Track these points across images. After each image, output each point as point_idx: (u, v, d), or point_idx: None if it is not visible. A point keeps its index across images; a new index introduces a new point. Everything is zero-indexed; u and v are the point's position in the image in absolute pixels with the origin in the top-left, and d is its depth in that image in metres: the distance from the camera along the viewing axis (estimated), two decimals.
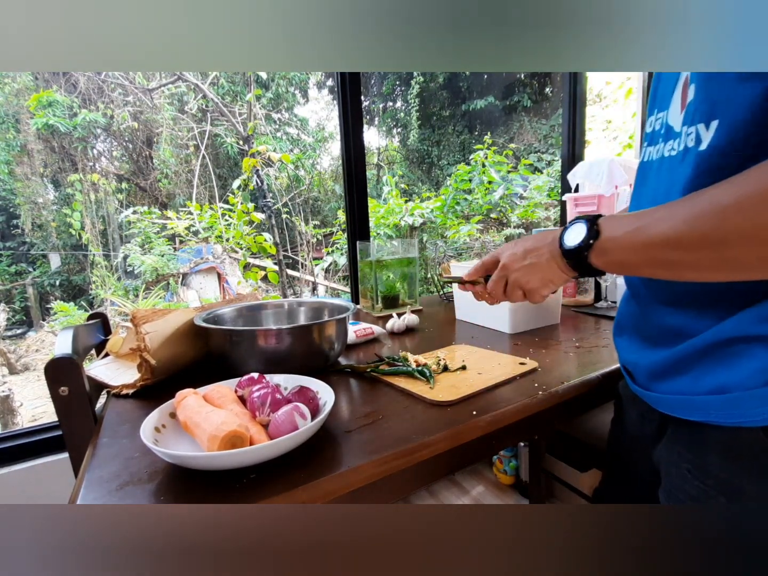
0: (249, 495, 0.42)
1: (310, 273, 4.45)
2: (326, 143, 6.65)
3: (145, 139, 5.48)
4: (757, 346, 0.37)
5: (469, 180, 3.94)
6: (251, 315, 0.90)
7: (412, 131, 7.46)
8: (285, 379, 0.61)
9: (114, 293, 4.30)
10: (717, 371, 0.39)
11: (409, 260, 1.26)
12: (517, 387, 0.65)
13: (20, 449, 1.05)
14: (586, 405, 0.75)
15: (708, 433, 0.41)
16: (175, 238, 4.54)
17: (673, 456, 0.46)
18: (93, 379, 0.73)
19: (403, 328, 1.02)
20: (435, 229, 4.26)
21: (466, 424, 0.54)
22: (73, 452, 0.63)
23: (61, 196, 5.03)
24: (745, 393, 0.37)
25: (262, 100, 5.59)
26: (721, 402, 0.39)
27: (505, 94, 7.46)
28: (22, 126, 4.69)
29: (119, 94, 5.00)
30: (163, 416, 0.52)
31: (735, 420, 0.38)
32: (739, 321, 0.38)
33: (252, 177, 3.86)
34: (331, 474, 0.44)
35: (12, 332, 4.67)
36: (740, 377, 0.38)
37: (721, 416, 0.39)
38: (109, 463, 0.49)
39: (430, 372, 0.68)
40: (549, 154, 5.77)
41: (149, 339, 0.68)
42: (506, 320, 0.95)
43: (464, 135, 7.67)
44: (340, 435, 0.53)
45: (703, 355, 0.40)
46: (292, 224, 4.59)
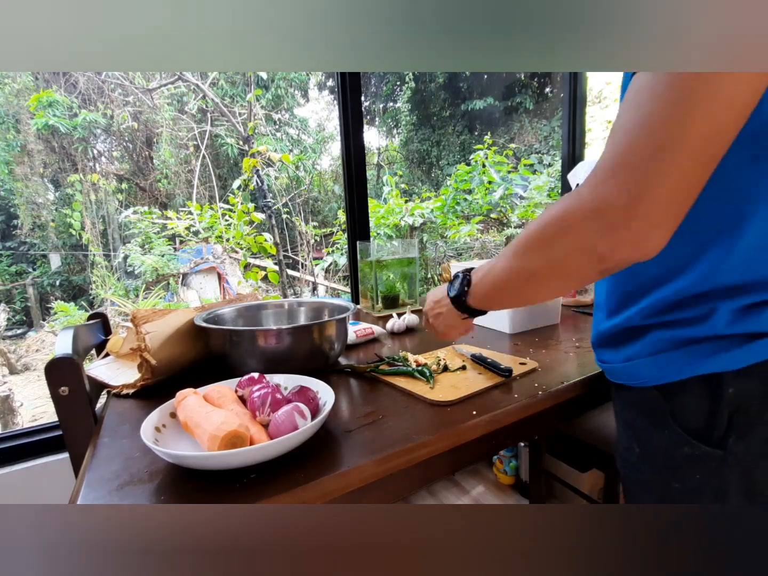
0: (249, 495, 0.42)
1: (310, 273, 4.45)
2: (326, 143, 6.65)
3: (145, 139, 5.48)
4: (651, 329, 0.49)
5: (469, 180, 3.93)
6: (251, 315, 0.90)
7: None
8: (285, 379, 0.61)
9: (114, 293, 4.30)
10: (626, 347, 0.52)
11: (409, 260, 1.26)
12: (517, 387, 0.65)
13: (20, 449, 1.05)
14: (586, 405, 0.75)
15: (627, 393, 0.53)
16: (175, 238, 4.54)
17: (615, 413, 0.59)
18: (93, 379, 0.73)
19: (403, 328, 1.02)
20: (435, 229, 4.25)
21: (466, 424, 0.54)
22: (73, 452, 0.63)
23: (61, 196, 5.03)
24: (640, 360, 0.49)
25: (262, 100, 5.59)
26: (628, 368, 0.51)
27: (506, 95, 7.45)
28: (22, 126, 4.69)
29: (119, 94, 5.00)
30: (163, 416, 0.52)
31: (637, 381, 0.50)
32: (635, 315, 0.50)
33: (252, 177, 3.85)
34: (331, 474, 0.44)
35: (12, 332, 4.66)
36: (637, 351, 0.50)
37: (628, 379, 0.51)
38: (110, 463, 0.49)
39: (430, 372, 0.68)
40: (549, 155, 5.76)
41: (149, 339, 0.68)
42: (506, 320, 0.95)
43: (464, 135, 7.66)
44: (340, 435, 0.53)
45: (618, 336, 0.53)
46: (292, 224, 4.59)
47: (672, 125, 0.33)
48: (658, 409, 0.49)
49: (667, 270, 0.47)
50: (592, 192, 0.38)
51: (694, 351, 0.45)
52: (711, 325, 0.44)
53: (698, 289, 0.45)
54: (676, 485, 0.48)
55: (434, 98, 7.67)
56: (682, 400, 0.47)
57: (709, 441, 0.45)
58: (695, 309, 0.45)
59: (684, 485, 0.48)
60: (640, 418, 0.51)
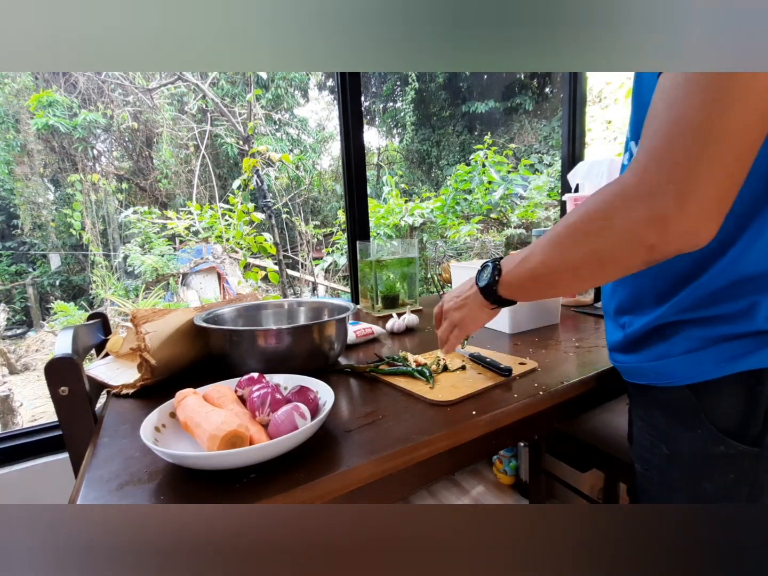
0: (249, 495, 0.42)
1: (310, 273, 4.45)
2: (326, 143, 6.65)
3: (145, 139, 5.48)
4: (681, 327, 0.48)
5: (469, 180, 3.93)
6: (251, 315, 0.90)
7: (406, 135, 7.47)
8: (285, 379, 0.61)
9: (114, 293, 4.30)
10: (656, 346, 0.51)
11: (409, 260, 1.26)
12: (516, 387, 0.65)
13: (20, 449, 1.05)
14: (585, 405, 0.75)
15: (652, 393, 0.52)
16: (175, 238, 4.54)
17: (634, 414, 0.59)
18: (93, 379, 0.73)
19: (403, 328, 1.02)
20: (435, 229, 4.25)
21: (465, 424, 0.54)
22: (73, 452, 0.63)
23: (61, 196, 5.03)
24: (671, 360, 0.48)
25: (262, 100, 5.59)
26: (657, 367, 0.50)
27: (506, 95, 7.45)
28: (22, 126, 4.69)
29: (119, 94, 5.00)
30: (163, 416, 0.52)
31: (666, 381, 0.49)
32: (665, 312, 0.49)
33: (252, 177, 3.85)
34: (331, 474, 0.44)
35: (12, 332, 4.66)
36: (668, 349, 0.49)
37: (656, 378, 0.50)
38: (109, 463, 0.49)
39: (429, 372, 0.68)
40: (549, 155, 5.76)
41: (149, 339, 0.68)
42: (506, 320, 0.95)
43: (464, 135, 7.67)
44: (340, 435, 0.53)
45: (646, 337, 0.52)
46: (292, 224, 4.59)
47: (711, 121, 0.34)
48: (689, 408, 0.48)
49: (695, 263, 0.46)
50: (637, 185, 0.38)
51: (733, 347, 0.44)
52: (751, 321, 0.43)
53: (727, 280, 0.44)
54: (707, 485, 0.48)
55: (434, 98, 7.67)
56: (716, 398, 0.46)
57: (744, 439, 0.44)
58: (732, 304, 0.44)
59: (716, 484, 0.47)
60: (668, 418, 0.50)
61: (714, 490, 0.47)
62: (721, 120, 0.33)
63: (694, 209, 0.35)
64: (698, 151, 0.34)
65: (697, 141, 0.34)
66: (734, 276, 0.44)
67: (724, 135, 0.34)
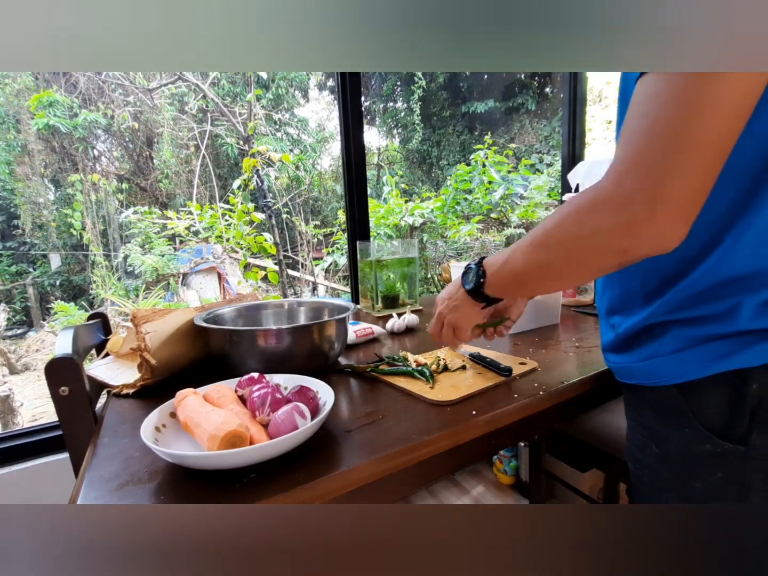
0: (249, 495, 0.42)
1: (310, 273, 4.45)
2: (326, 143, 6.65)
3: (146, 139, 5.48)
4: (669, 327, 0.49)
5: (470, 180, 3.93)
6: (251, 315, 0.90)
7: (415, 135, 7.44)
8: (285, 379, 0.61)
9: (114, 293, 4.30)
10: (645, 347, 0.52)
11: (409, 260, 1.26)
12: (516, 387, 0.65)
13: (20, 449, 1.05)
14: (586, 405, 0.75)
15: (642, 393, 0.53)
16: (175, 238, 4.53)
17: (626, 414, 0.59)
18: (93, 379, 0.73)
19: (403, 328, 1.02)
20: (435, 229, 4.25)
21: (465, 424, 0.54)
22: (73, 452, 0.63)
23: (62, 196, 5.03)
24: (660, 359, 0.49)
25: (262, 100, 5.59)
26: (646, 367, 0.51)
27: (506, 95, 7.45)
28: (22, 126, 4.68)
29: (119, 94, 5.00)
30: (163, 416, 0.52)
31: (655, 380, 0.50)
32: (654, 312, 0.50)
33: (252, 177, 3.85)
34: (331, 474, 0.44)
35: (12, 332, 4.66)
36: (656, 349, 0.50)
37: (645, 378, 0.51)
38: (109, 463, 0.49)
39: (430, 372, 0.68)
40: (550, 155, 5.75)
41: (149, 339, 0.68)
42: None
43: (464, 135, 7.66)
44: (340, 435, 0.53)
45: (636, 337, 0.53)
46: (292, 224, 4.59)
47: (683, 130, 0.35)
48: (677, 407, 0.48)
49: (681, 264, 0.47)
50: (612, 190, 0.39)
51: (718, 347, 0.45)
52: (735, 321, 0.44)
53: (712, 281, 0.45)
54: (697, 484, 0.48)
55: (434, 98, 7.67)
56: (702, 398, 0.47)
57: (730, 438, 0.45)
58: (717, 305, 0.45)
59: (705, 484, 0.48)
60: (657, 417, 0.51)
61: (703, 490, 0.48)
62: (691, 130, 0.35)
63: (664, 216, 0.37)
64: (669, 160, 0.36)
65: (667, 150, 0.36)
66: (718, 277, 0.45)
67: (694, 144, 0.35)
